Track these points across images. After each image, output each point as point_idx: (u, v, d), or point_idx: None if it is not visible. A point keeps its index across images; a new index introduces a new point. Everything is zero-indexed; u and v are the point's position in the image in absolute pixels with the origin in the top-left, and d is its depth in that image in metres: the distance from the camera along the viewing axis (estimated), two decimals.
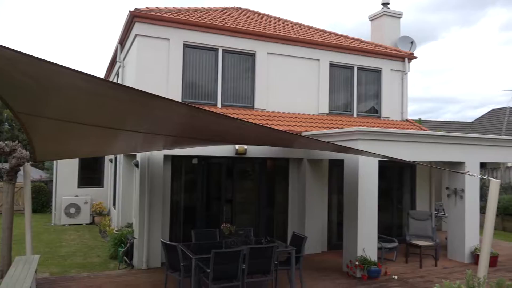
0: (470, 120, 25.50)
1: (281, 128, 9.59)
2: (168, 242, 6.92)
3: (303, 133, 9.50)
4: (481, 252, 5.07)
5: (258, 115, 10.18)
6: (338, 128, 10.37)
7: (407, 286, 7.51)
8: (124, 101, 3.45)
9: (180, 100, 9.43)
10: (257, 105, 10.50)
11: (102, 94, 3.17)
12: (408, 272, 8.44)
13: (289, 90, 10.93)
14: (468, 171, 8.52)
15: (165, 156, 8.89)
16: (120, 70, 11.26)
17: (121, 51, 11.11)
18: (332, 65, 11.60)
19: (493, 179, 5.27)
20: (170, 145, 7.37)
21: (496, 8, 67.44)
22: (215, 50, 10.17)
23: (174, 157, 9.17)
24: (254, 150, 9.33)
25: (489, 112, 25.25)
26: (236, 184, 10.01)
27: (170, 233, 9.15)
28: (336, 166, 10.37)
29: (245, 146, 9.15)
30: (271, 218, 10.33)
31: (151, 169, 8.67)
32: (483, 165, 15.81)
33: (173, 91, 9.46)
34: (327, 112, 11.41)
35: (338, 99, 11.85)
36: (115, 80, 12.39)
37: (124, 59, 11.14)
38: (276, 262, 6.71)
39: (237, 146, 9.07)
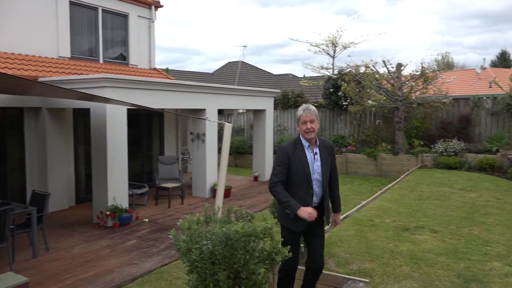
0: (211, 71, 28.19)
1: (10, 72, 8.11)
2: None
3: (40, 79, 8.35)
4: (218, 187, 5.86)
5: None
6: (82, 74, 9.60)
7: (157, 226, 8.01)
8: None
9: None
10: None
11: None
12: (158, 213, 8.98)
13: (20, 28, 9.24)
14: (208, 117, 9.53)
15: None
16: None
17: None
18: (73, 3, 10.40)
19: (227, 123, 6.07)
20: None
21: None
22: None
23: None
24: None
25: (225, 64, 28.45)
26: None
27: None
28: (82, 115, 9.70)
29: None
30: (4, 178, 8.86)
31: None
32: (220, 112, 18.02)
33: None
34: (69, 56, 10.32)
35: (82, 42, 10.87)
36: None
37: None
38: (12, 226, 5.90)
39: None
